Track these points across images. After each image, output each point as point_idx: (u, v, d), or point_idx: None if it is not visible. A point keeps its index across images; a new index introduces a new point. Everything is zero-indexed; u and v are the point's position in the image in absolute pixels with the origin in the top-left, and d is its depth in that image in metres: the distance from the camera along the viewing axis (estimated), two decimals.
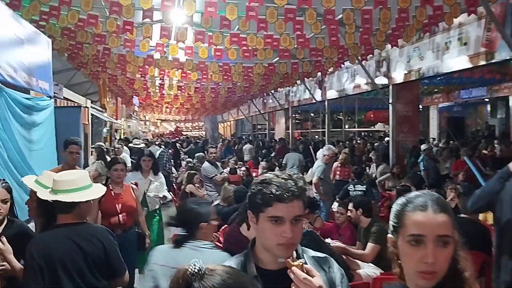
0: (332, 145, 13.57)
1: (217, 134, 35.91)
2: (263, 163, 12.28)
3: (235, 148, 19.37)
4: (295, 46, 8.76)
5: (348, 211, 4.74)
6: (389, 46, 9.49)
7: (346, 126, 28.85)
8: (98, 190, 2.79)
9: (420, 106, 18.49)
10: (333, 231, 5.17)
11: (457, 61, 8.02)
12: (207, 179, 7.72)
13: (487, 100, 22.96)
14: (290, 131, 19.51)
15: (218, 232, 4.74)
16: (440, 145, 14.70)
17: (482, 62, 7.41)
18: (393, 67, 10.31)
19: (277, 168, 12.75)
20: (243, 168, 12.08)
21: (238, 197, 6.27)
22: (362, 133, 28.15)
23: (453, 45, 8.04)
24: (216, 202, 6.48)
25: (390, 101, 10.44)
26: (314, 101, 15.59)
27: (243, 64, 11.02)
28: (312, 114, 31.40)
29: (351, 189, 6.68)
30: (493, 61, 7.21)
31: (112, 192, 4.56)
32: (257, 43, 8.34)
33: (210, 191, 7.57)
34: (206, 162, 7.98)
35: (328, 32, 7.66)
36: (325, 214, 6.92)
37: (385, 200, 7.88)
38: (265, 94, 19.81)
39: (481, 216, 6.10)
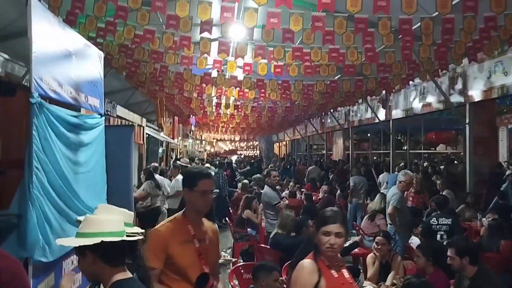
0: (400, 169, 12.72)
1: (272, 154, 35.46)
2: (324, 187, 11.54)
3: (290, 168, 18.73)
4: (362, 61, 8.11)
5: (449, 259, 3.94)
6: (465, 60, 8.66)
7: (405, 147, 27.62)
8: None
9: None
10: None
11: None
12: (268, 206, 7.07)
13: None
14: (350, 152, 18.62)
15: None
16: None
17: None
18: (470, 83, 9.37)
19: (339, 191, 12.02)
20: (303, 191, 11.44)
21: (298, 225, 5.63)
22: (424, 155, 26.77)
23: None
24: (274, 231, 5.85)
25: (467, 121, 9.47)
26: (377, 120, 14.74)
27: (303, 82, 10.46)
28: (368, 135, 30.32)
29: (434, 223, 5.82)
30: None
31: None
32: (321, 58, 7.76)
33: (271, 219, 6.92)
34: (266, 186, 7.34)
35: (402, 45, 6.93)
36: (401, 249, 6.10)
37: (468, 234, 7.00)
38: (323, 113, 19.13)
39: None
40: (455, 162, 14.22)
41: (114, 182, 4.93)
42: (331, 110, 17.20)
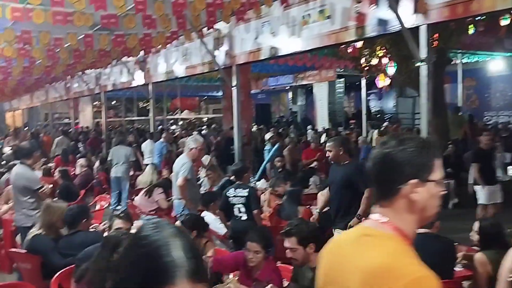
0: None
1: (4, 125, 30.54)
2: (81, 160, 9.91)
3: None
4: (128, 9, 6.85)
5: (290, 251, 3.15)
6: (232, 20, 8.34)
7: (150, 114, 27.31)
8: None
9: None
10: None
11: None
12: (25, 191, 5.25)
13: None
14: (103, 119, 16.95)
15: None
16: None
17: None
18: (236, 44, 9.11)
19: (98, 164, 10.59)
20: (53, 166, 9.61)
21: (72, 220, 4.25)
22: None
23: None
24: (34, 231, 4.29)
25: (234, 83, 9.22)
26: (134, 84, 13.59)
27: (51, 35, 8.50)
28: (116, 102, 28.86)
29: (230, 195, 5.14)
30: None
31: None
32: (78, 2, 6.18)
33: (30, 209, 5.18)
34: (20, 166, 5.43)
35: None
36: None
37: None
38: (70, 76, 16.86)
39: None
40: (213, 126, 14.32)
41: None
42: (80, 73, 15.20)
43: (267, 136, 9.98)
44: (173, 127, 23.60)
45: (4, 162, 9.91)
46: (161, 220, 3.01)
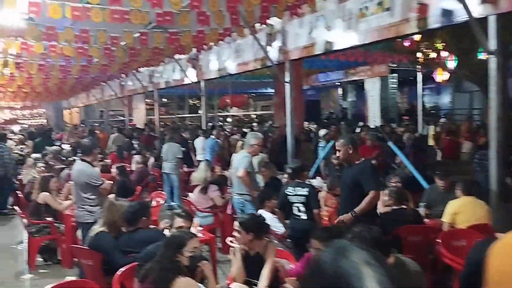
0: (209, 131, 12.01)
1: (62, 122, 31.77)
2: (136, 157, 10.09)
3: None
4: (184, 6, 6.86)
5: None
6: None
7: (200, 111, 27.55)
8: None
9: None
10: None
11: None
12: (87, 188, 5.34)
13: None
14: (156, 117, 17.25)
15: None
16: None
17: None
18: (290, 40, 8.96)
19: (152, 160, 10.75)
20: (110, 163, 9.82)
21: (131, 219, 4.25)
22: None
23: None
24: (98, 228, 4.32)
25: (288, 79, 9.08)
26: (186, 82, 13.70)
27: (108, 34, 8.67)
28: (164, 100, 29.27)
29: (290, 193, 5.03)
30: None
31: None
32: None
33: (91, 205, 5.26)
34: (81, 162, 5.53)
35: None
36: None
37: None
38: (125, 75, 17.27)
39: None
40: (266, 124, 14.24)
41: None
42: (134, 71, 15.52)
43: (321, 132, 9.76)
44: (224, 124, 23.76)
45: (64, 158, 10.21)
46: (346, 243, 2.82)
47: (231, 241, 3.61)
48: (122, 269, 3.63)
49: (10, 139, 15.26)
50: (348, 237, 2.93)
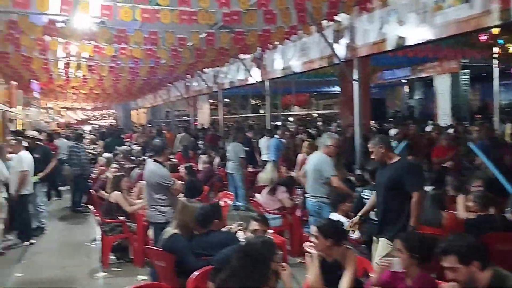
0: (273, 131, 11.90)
1: (131, 122, 32.96)
2: (203, 157, 10.18)
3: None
4: (251, 4, 6.79)
5: (450, 271, 2.73)
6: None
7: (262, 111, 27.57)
8: None
9: None
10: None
11: None
12: (159, 188, 5.38)
13: None
14: (220, 117, 17.43)
15: None
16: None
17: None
18: (358, 36, 8.68)
19: (218, 160, 10.80)
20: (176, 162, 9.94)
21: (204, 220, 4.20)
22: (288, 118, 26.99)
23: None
24: (171, 230, 4.32)
25: (356, 77, 8.80)
26: (250, 82, 13.71)
27: (175, 35, 8.78)
28: (227, 100, 29.49)
29: (367, 196, 4.79)
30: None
31: None
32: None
33: (163, 205, 5.30)
34: (153, 162, 5.58)
35: None
36: None
37: None
38: (190, 76, 17.56)
39: None
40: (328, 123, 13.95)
41: None
42: (199, 72, 15.73)
43: (392, 132, 9.37)
44: (287, 123, 23.61)
45: (134, 157, 10.48)
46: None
47: (308, 247, 3.45)
48: (196, 272, 3.58)
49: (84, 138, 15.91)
50: (441, 246, 2.71)
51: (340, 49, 9.10)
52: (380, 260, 3.52)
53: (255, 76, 13.33)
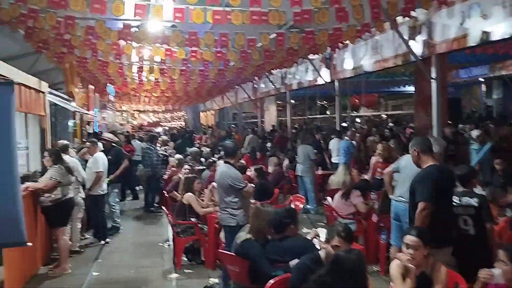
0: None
1: (199, 124, 33.66)
2: (273, 159, 10.10)
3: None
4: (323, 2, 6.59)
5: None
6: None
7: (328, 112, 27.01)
8: None
9: None
10: None
11: None
12: (231, 191, 5.29)
13: None
14: (288, 118, 17.29)
15: None
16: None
17: None
18: (436, 32, 8.21)
19: (287, 162, 10.66)
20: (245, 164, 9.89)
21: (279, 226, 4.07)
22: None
23: None
24: (243, 235, 4.23)
25: (434, 75, 8.32)
26: (319, 82, 13.44)
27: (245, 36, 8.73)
28: (293, 101, 29.20)
29: (455, 203, 4.42)
30: None
31: None
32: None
33: (234, 208, 5.22)
34: (226, 164, 5.50)
35: None
36: None
37: None
38: (258, 77, 17.56)
39: None
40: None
41: None
42: (267, 73, 15.67)
43: (474, 133, 8.77)
44: (357, 125, 23.05)
45: (203, 159, 10.58)
46: None
47: (406, 260, 3.17)
48: (272, 280, 3.43)
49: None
50: None
51: (417, 46, 8.66)
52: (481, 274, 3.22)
53: (324, 76, 13.06)
